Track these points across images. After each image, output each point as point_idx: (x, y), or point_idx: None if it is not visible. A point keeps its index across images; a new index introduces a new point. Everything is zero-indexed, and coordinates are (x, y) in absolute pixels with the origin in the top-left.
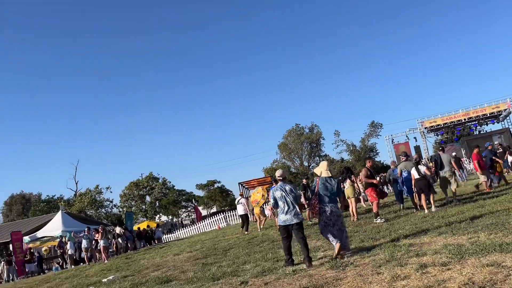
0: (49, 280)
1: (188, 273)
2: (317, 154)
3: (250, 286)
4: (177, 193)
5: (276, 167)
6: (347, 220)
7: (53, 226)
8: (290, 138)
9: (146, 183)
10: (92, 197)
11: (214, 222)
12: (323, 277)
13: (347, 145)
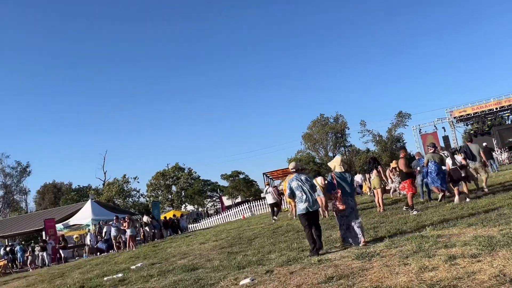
0: (80, 266)
1: (214, 262)
2: (342, 145)
3: (275, 275)
4: (202, 183)
5: (301, 158)
6: (373, 211)
7: (83, 214)
8: (315, 128)
9: (172, 173)
10: (119, 186)
11: (238, 212)
12: (348, 267)
13: (373, 135)
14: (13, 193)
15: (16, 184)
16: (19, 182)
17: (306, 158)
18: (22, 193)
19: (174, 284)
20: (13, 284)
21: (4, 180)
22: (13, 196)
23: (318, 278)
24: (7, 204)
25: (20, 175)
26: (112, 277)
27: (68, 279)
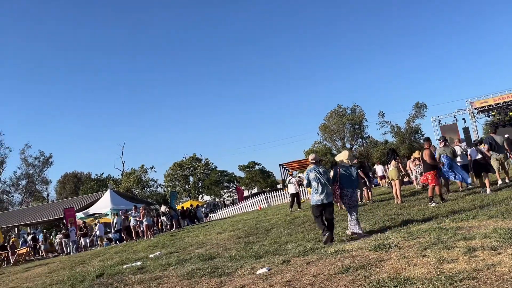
0: (100, 254)
1: (231, 251)
2: (359, 136)
3: (292, 265)
4: (219, 174)
5: (317, 149)
6: (390, 203)
7: (102, 203)
8: (332, 119)
9: (189, 164)
10: (137, 176)
11: (255, 203)
12: (365, 258)
13: (391, 127)
14: (35, 182)
15: (38, 174)
16: (41, 172)
17: (323, 150)
18: (44, 183)
19: (192, 273)
20: (36, 270)
21: (27, 169)
22: (35, 185)
23: (335, 268)
24: (29, 193)
25: (42, 166)
26: (131, 265)
27: (89, 266)
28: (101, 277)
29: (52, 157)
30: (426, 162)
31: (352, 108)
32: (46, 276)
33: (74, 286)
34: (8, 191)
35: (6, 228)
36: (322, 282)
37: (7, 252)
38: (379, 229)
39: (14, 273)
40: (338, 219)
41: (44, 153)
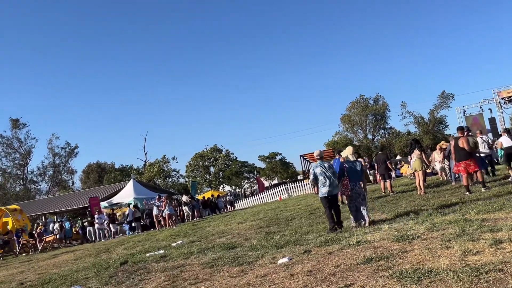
0: (123, 243)
1: (252, 241)
2: (382, 127)
3: (313, 255)
4: (239, 165)
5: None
6: (413, 194)
7: (126, 193)
8: (354, 110)
9: (210, 155)
10: (160, 167)
11: (275, 193)
12: (388, 249)
13: (415, 117)
14: (61, 172)
15: (64, 164)
16: (67, 162)
17: (344, 140)
18: (70, 172)
19: (214, 261)
20: (63, 257)
21: (53, 159)
22: (61, 175)
23: (357, 259)
24: (55, 182)
25: (68, 156)
26: (154, 253)
27: (113, 254)
28: (125, 265)
29: (77, 148)
30: (462, 150)
31: (374, 98)
32: (72, 262)
33: (100, 273)
34: (36, 180)
35: (34, 216)
36: (343, 272)
37: (34, 239)
38: (401, 220)
39: (42, 260)
40: None
41: (70, 144)
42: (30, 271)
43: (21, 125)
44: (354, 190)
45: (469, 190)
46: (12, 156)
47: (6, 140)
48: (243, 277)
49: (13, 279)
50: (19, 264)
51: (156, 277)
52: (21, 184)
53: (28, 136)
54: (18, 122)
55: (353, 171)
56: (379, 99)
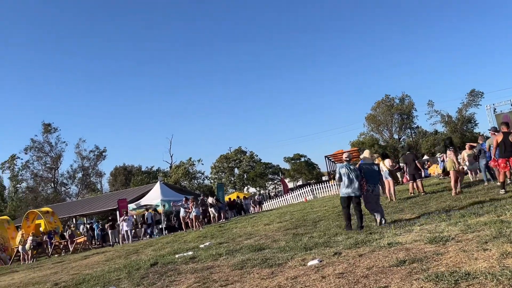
0: (152, 244)
1: (280, 242)
2: (408, 126)
3: (344, 257)
4: (263, 166)
5: (364, 140)
6: (444, 195)
7: (153, 195)
8: (379, 109)
9: (234, 156)
10: (185, 169)
11: (300, 195)
12: (421, 251)
13: (442, 116)
14: (90, 175)
15: (93, 167)
16: (95, 165)
17: (370, 141)
18: (98, 175)
19: (243, 263)
20: (94, 258)
21: (82, 163)
22: (90, 178)
23: (389, 261)
24: (84, 185)
25: (96, 159)
26: (183, 255)
27: (142, 255)
28: (155, 266)
29: (106, 151)
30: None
31: (400, 97)
32: (103, 264)
33: (131, 274)
34: (66, 183)
35: (65, 218)
36: (376, 274)
37: (66, 240)
38: (433, 222)
39: (74, 261)
40: (388, 211)
41: (98, 147)
42: (63, 271)
43: (52, 129)
44: (374, 192)
45: (505, 188)
46: (43, 160)
47: (37, 144)
48: (273, 279)
49: (48, 280)
50: (52, 265)
51: (186, 279)
52: (52, 187)
53: (58, 140)
54: (49, 127)
55: (370, 173)
56: (405, 98)
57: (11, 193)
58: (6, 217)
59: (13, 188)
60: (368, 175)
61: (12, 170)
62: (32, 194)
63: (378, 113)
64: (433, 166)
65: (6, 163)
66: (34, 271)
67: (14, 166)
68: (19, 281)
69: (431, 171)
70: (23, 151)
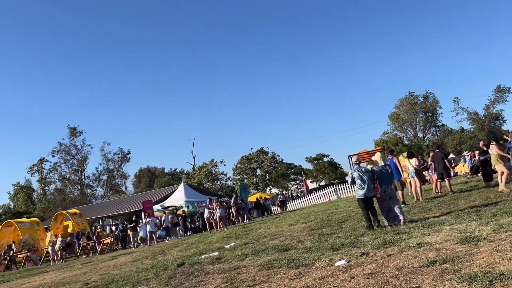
0: (177, 245)
1: (306, 243)
2: (433, 124)
3: (372, 257)
4: (285, 166)
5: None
6: (472, 194)
7: (177, 196)
8: (403, 107)
9: (256, 157)
10: (208, 170)
11: (324, 195)
12: (452, 251)
13: (468, 113)
14: (114, 177)
15: (117, 169)
16: (120, 167)
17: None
18: (123, 177)
19: (269, 263)
20: (121, 259)
21: (107, 165)
22: (115, 180)
23: (419, 261)
24: (110, 187)
25: (121, 161)
26: (209, 255)
27: (169, 256)
28: (182, 266)
29: (130, 153)
30: None
31: (424, 95)
32: (131, 264)
33: (158, 274)
34: (91, 185)
35: (91, 219)
36: (406, 275)
37: (93, 241)
38: (463, 221)
39: (102, 261)
40: (415, 210)
41: (123, 150)
42: (92, 272)
43: (78, 133)
44: (387, 192)
45: None
46: (70, 163)
47: (64, 147)
48: (301, 279)
49: (78, 280)
50: (81, 266)
51: (213, 279)
52: (79, 189)
53: (84, 143)
54: (75, 130)
55: (383, 175)
56: (429, 96)
57: (39, 195)
58: (36, 219)
59: (42, 190)
60: (381, 177)
61: (40, 173)
62: (60, 196)
63: (402, 111)
64: (460, 165)
65: (35, 166)
66: (64, 271)
67: (42, 169)
68: (50, 281)
69: (458, 170)
70: (51, 154)
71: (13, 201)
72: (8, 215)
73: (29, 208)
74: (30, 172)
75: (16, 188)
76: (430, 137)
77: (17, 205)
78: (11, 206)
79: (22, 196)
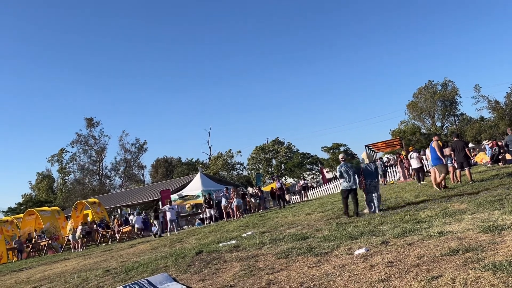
0: (195, 233)
1: (323, 232)
2: (452, 113)
3: (392, 246)
4: (301, 156)
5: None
6: (494, 182)
7: (194, 186)
8: (421, 96)
9: (271, 147)
10: (224, 160)
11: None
12: (474, 240)
13: (489, 102)
14: (132, 167)
15: (135, 159)
16: (137, 157)
17: (411, 129)
18: (140, 167)
19: (288, 252)
20: (140, 247)
21: (125, 155)
22: (132, 170)
23: (441, 250)
24: (127, 177)
25: (138, 151)
26: (226, 243)
27: (187, 244)
28: (200, 254)
29: (146, 144)
30: None
31: (443, 83)
32: (150, 252)
33: (177, 262)
34: (109, 175)
35: (110, 209)
36: (428, 263)
37: (112, 230)
38: (485, 210)
39: (121, 249)
40: (435, 200)
41: (139, 140)
42: (112, 259)
43: (95, 123)
44: (371, 185)
45: None
46: (88, 153)
47: (82, 138)
48: (320, 268)
49: (99, 267)
50: (101, 253)
51: (232, 266)
52: (97, 179)
53: (102, 134)
54: (92, 121)
55: (368, 172)
56: (448, 84)
57: (59, 184)
58: (57, 208)
59: (62, 180)
60: (367, 173)
61: (60, 163)
62: (79, 185)
63: (420, 100)
64: (480, 154)
65: (55, 156)
66: (85, 258)
67: (62, 159)
68: (71, 268)
69: (478, 159)
70: (70, 145)
71: (35, 190)
72: (30, 204)
73: (50, 197)
74: (51, 161)
75: (39, 177)
76: (448, 126)
77: (39, 194)
78: (32, 195)
79: (44, 186)
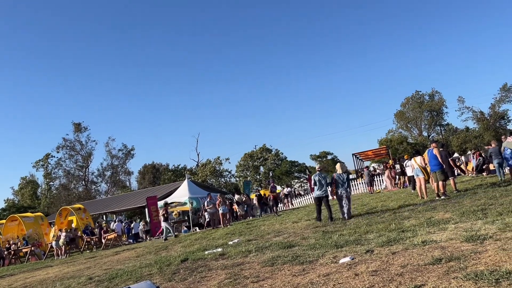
0: (181, 241)
1: (310, 240)
2: (438, 123)
3: (377, 255)
4: (289, 164)
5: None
6: (478, 192)
7: (181, 193)
8: (409, 106)
9: (260, 155)
10: (212, 167)
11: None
12: (457, 249)
13: (473, 112)
14: (119, 173)
15: (122, 165)
16: (124, 163)
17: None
18: (127, 173)
19: (273, 260)
20: (124, 254)
21: (111, 161)
22: (119, 176)
23: (424, 259)
24: (114, 183)
25: (125, 157)
26: (212, 251)
27: (172, 251)
28: (185, 262)
29: (134, 150)
30: None
31: (430, 94)
32: (134, 259)
33: (162, 269)
34: (96, 181)
35: (95, 215)
36: (411, 272)
37: (97, 237)
38: (468, 220)
39: (105, 256)
40: (420, 209)
41: (127, 146)
42: (96, 266)
43: (82, 128)
44: (341, 194)
45: None
46: (74, 158)
47: (69, 143)
48: (305, 276)
49: (82, 274)
50: (85, 260)
51: (217, 275)
52: (83, 185)
53: (88, 139)
54: (80, 126)
55: (339, 181)
56: (435, 94)
57: (44, 190)
58: (40, 214)
59: (47, 185)
60: (339, 183)
61: (46, 168)
62: (65, 191)
63: (408, 109)
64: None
65: (41, 161)
66: (68, 265)
67: (48, 164)
68: (54, 275)
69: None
70: (55, 150)
71: (18, 195)
72: (13, 209)
73: (34, 203)
74: (36, 167)
75: (23, 182)
76: (434, 136)
77: (22, 199)
78: (15, 201)
79: (28, 191)
